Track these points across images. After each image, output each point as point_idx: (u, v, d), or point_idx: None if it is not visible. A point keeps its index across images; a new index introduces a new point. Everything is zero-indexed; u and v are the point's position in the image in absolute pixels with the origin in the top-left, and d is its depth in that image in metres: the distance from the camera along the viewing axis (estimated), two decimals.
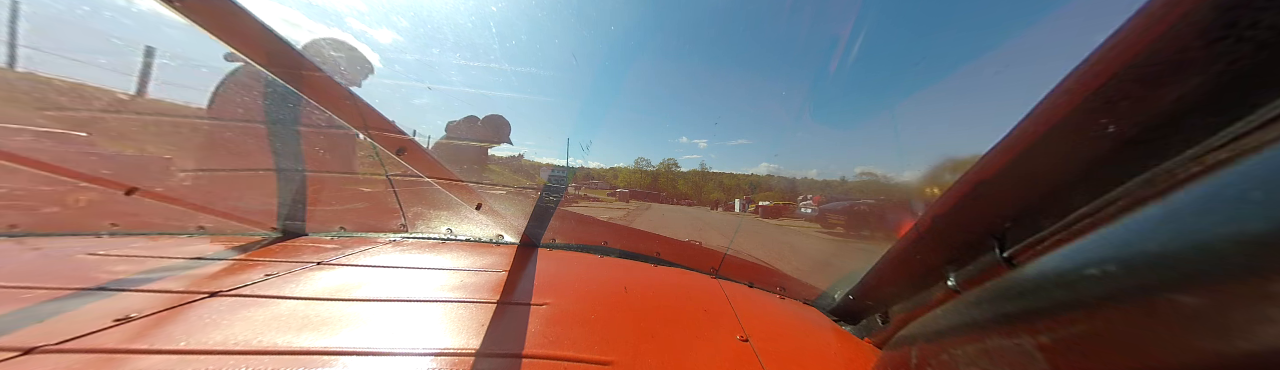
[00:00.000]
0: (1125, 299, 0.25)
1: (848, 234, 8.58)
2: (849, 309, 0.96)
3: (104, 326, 0.66)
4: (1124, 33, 0.34)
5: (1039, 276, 0.36)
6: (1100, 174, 0.41)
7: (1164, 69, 0.32)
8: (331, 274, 0.99)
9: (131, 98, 1.62)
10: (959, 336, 0.45)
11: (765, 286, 1.18)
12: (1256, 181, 0.22)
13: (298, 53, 0.67)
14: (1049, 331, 0.30)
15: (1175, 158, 0.33)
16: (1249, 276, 0.20)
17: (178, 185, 1.46)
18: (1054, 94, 0.40)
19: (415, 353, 0.63)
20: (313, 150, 1.51)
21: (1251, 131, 0.28)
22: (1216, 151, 0.30)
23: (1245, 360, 0.19)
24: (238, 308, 0.76)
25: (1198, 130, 0.32)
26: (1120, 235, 0.29)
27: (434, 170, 0.99)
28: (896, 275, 0.77)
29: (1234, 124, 0.30)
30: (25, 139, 1.33)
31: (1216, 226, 0.22)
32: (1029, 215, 0.50)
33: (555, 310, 0.83)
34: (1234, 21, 0.28)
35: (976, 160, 0.52)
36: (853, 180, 23.39)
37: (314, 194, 1.50)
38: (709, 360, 0.68)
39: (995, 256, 0.52)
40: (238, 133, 1.59)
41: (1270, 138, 0.26)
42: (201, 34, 0.58)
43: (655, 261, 1.31)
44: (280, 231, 1.43)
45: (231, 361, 0.58)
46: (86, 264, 1.01)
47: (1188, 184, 0.29)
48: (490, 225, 1.41)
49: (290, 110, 1.48)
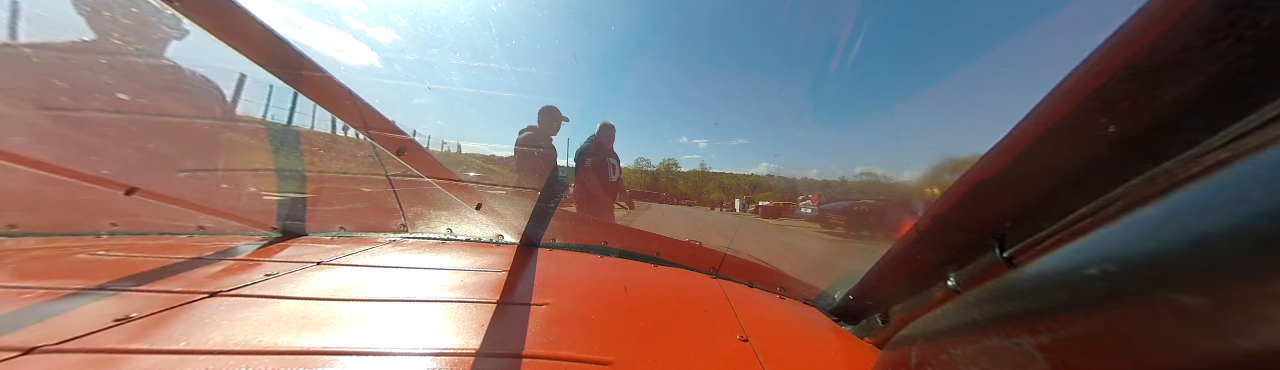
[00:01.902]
0: (1125, 299, 0.25)
1: (847, 234, 8.59)
2: (849, 309, 0.96)
3: (104, 326, 0.66)
4: (1124, 33, 0.34)
5: (1039, 276, 0.36)
6: (1100, 174, 0.41)
7: (1164, 69, 0.32)
8: (331, 274, 0.99)
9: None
10: (959, 336, 0.45)
11: (765, 286, 1.18)
12: (1256, 181, 0.22)
13: (298, 53, 0.67)
14: (1049, 331, 0.30)
15: (1175, 158, 0.33)
16: (1249, 276, 0.20)
17: (178, 185, 1.46)
18: (1054, 94, 0.40)
19: (415, 353, 0.63)
20: (313, 150, 1.51)
21: (1251, 131, 0.28)
22: (1216, 151, 0.30)
23: (1245, 360, 0.19)
24: (238, 308, 0.76)
25: (1198, 130, 0.32)
26: (1120, 235, 0.29)
27: (434, 170, 0.99)
28: (896, 275, 0.77)
29: (1234, 124, 0.30)
30: (25, 139, 1.33)
31: (1216, 226, 0.22)
32: (1029, 215, 0.50)
33: (555, 310, 0.83)
34: (1234, 21, 0.28)
35: (976, 160, 0.52)
36: (852, 180, 23.32)
37: (313, 193, 1.50)
38: (709, 360, 0.68)
39: (995, 256, 0.52)
40: (238, 133, 1.59)
41: (1270, 138, 0.26)
42: (202, 34, 0.58)
43: (655, 261, 1.31)
44: (280, 231, 1.43)
45: (231, 361, 0.58)
46: (86, 264, 1.01)
47: (1188, 184, 0.29)
48: (490, 225, 1.41)
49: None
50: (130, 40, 1.42)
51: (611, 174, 3.05)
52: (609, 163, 3.05)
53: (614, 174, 3.09)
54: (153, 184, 1.27)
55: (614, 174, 3.09)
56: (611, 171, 3.05)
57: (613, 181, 3.05)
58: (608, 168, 3.04)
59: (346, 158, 1.63)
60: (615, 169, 3.11)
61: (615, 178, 3.09)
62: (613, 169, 3.08)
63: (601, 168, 3.02)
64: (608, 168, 3.04)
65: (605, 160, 3.02)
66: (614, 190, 3.06)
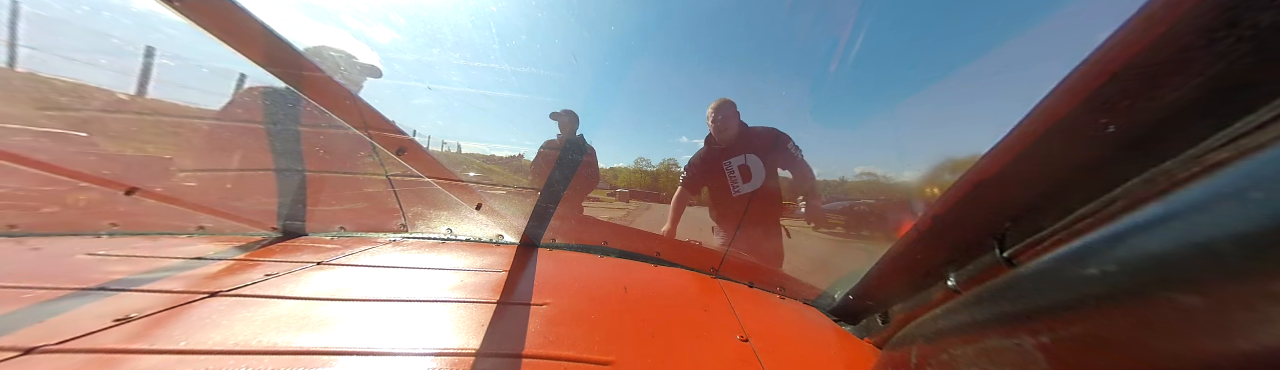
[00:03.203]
0: (1125, 299, 0.25)
1: (847, 234, 8.58)
2: (849, 309, 0.96)
3: (104, 326, 0.66)
4: (1124, 33, 0.34)
5: (1039, 276, 0.36)
6: (1100, 174, 0.41)
7: (1164, 69, 0.32)
8: (331, 274, 0.99)
9: (131, 98, 1.62)
10: (959, 336, 0.45)
11: (765, 286, 1.18)
12: (1256, 181, 0.22)
13: (298, 53, 0.67)
14: (1049, 331, 0.30)
15: (1175, 158, 0.33)
16: (1249, 276, 0.20)
17: (178, 185, 1.46)
18: (1054, 94, 0.40)
19: (415, 353, 0.63)
20: (313, 150, 1.51)
21: (1251, 131, 0.28)
22: (1216, 151, 0.30)
23: (1245, 360, 0.19)
24: (238, 308, 0.76)
25: (1198, 130, 0.32)
26: (1120, 235, 0.29)
27: (434, 170, 0.99)
28: (896, 275, 0.77)
29: (1234, 124, 0.30)
30: (25, 139, 1.33)
31: (1216, 226, 0.22)
32: (1029, 215, 0.50)
33: (555, 310, 0.83)
34: (1234, 21, 0.28)
35: (976, 160, 0.52)
36: (853, 180, 23.26)
37: (314, 193, 1.50)
38: (709, 360, 0.68)
39: (995, 256, 0.52)
40: (238, 133, 1.59)
41: (1270, 138, 0.26)
42: (202, 34, 0.58)
43: (655, 261, 1.31)
44: (280, 231, 1.43)
45: (231, 361, 0.58)
46: (86, 264, 1.01)
47: (1188, 184, 0.29)
48: (490, 225, 1.41)
49: (291, 110, 1.48)
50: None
51: (739, 184, 1.77)
52: (732, 166, 1.78)
53: (745, 183, 1.77)
54: (153, 184, 1.27)
55: (745, 183, 1.77)
56: (739, 180, 1.77)
57: (740, 195, 1.77)
58: (727, 175, 1.79)
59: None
60: (750, 174, 1.76)
61: (751, 187, 1.76)
62: (742, 176, 1.76)
63: (715, 176, 1.83)
64: (727, 175, 1.79)
65: (720, 165, 1.81)
66: (749, 207, 1.76)
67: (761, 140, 1.78)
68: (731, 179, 1.78)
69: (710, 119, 1.78)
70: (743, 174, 1.77)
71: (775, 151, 1.74)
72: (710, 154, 1.84)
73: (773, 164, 1.76)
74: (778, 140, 1.76)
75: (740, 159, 1.76)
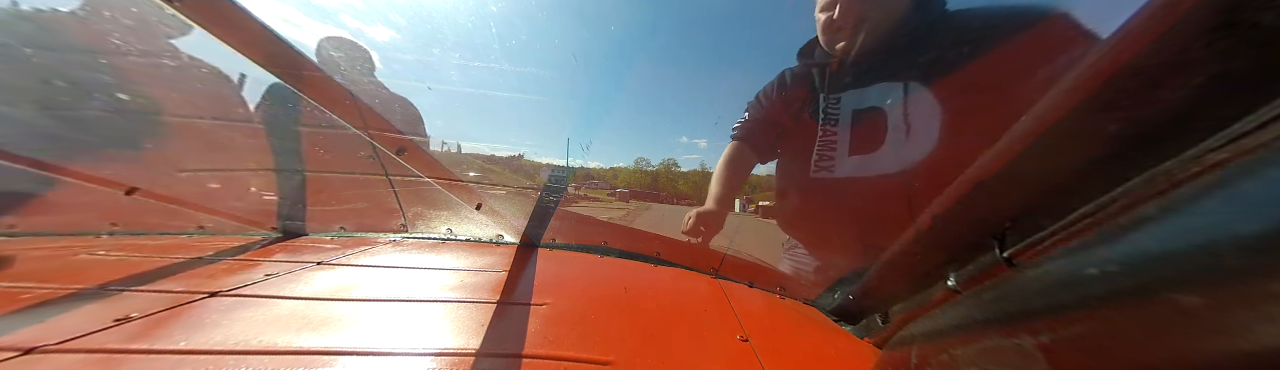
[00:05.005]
0: (1125, 299, 0.25)
1: None
2: (849, 309, 0.96)
3: (104, 326, 0.66)
4: (1124, 33, 0.34)
5: (1039, 276, 0.36)
6: (1100, 174, 0.40)
7: (1164, 69, 0.32)
8: (331, 274, 0.99)
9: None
10: (959, 336, 0.45)
11: (765, 286, 1.18)
12: (1256, 181, 0.22)
13: (298, 53, 0.67)
14: (1049, 331, 0.30)
15: (1175, 158, 0.33)
16: (1249, 276, 0.20)
17: (178, 185, 1.46)
18: (1054, 94, 0.40)
19: (415, 353, 0.63)
20: (313, 150, 1.51)
21: (1251, 131, 0.28)
22: (1216, 151, 0.30)
23: (1245, 360, 0.19)
24: (238, 308, 0.76)
25: (1198, 130, 0.32)
26: (1120, 235, 0.29)
27: (434, 170, 0.99)
28: (896, 275, 0.77)
29: (1234, 124, 0.30)
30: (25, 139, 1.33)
31: (1216, 226, 0.22)
32: (1029, 215, 0.50)
33: (555, 310, 0.83)
34: (1234, 21, 0.28)
35: (976, 160, 0.52)
36: None
37: (314, 193, 1.50)
38: (709, 360, 0.68)
39: (995, 256, 0.52)
40: (237, 133, 1.59)
41: (1270, 138, 0.26)
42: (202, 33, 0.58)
43: (655, 261, 1.31)
44: (280, 231, 1.43)
45: (231, 361, 0.58)
46: (86, 264, 1.01)
47: (1188, 184, 0.29)
48: (490, 225, 1.41)
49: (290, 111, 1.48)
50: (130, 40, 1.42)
51: (843, 155, 0.99)
52: (844, 111, 0.92)
53: (856, 155, 0.97)
54: (153, 184, 1.27)
55: (856, 155, 0.97)
56: (848, 143, 0.97)
57: (839, 177, 1.02)
58: (824, 130, 0.99)
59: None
60: (881, 132, 0.91)
61: (878, 165, 0.96)
62: (858, 135, 0.94)
63: (799, 131, 1.05)
64: (824, 130, 0.99)
65: (812, 107, 1.00)
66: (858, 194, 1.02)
67: (940, 55, 0.84)
68: (827, 142, 0.92)
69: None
70: (865, 129, 0.89)
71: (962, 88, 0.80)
72: (800, 82, 0.95)
73: (948, 114, 0.82)
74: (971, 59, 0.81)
75: (873, 93, 0.89)
